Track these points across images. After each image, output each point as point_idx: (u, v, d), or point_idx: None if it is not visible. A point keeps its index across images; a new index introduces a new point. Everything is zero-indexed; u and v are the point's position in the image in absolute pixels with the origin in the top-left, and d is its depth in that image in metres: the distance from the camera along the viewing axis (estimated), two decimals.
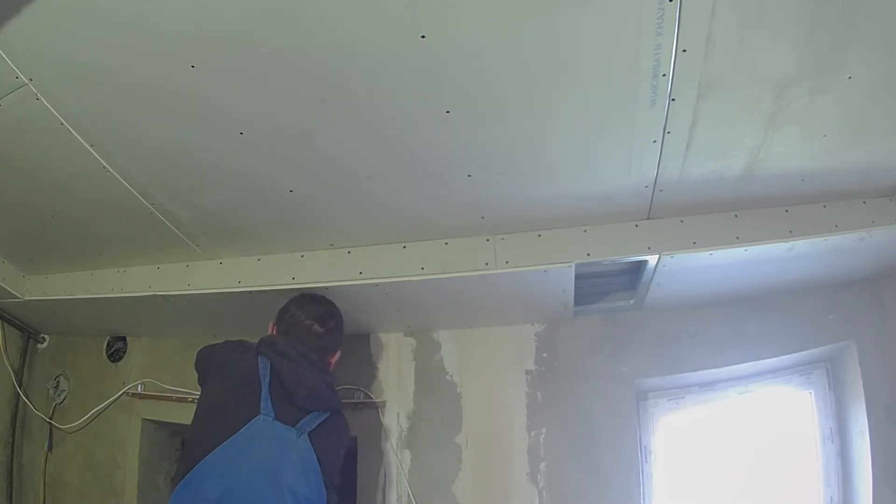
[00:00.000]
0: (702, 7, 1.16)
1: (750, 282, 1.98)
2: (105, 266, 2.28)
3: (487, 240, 1.88)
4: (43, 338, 2.78)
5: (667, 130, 1.46)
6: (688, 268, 1.84)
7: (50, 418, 2.62)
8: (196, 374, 1.77)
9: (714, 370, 2.09)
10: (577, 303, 2.05)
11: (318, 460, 1.59)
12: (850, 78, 1.33)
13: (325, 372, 1.73)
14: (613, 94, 1.36)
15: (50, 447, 2.60)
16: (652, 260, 1.80)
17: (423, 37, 1.23)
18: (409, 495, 2.11)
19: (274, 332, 1.83)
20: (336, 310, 1.88)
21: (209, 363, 1.73)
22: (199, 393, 1.72)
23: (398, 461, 2.16)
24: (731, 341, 2.06)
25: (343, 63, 1.31)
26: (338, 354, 1.85)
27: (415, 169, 1.63)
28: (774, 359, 2.07)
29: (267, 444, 1.54)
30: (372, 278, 1.91)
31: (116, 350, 2.63)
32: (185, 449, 1.58)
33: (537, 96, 1.38)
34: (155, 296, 2.13)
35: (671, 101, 1.37)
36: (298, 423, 1.61)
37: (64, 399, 2.65)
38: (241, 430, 1.53)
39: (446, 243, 1.91)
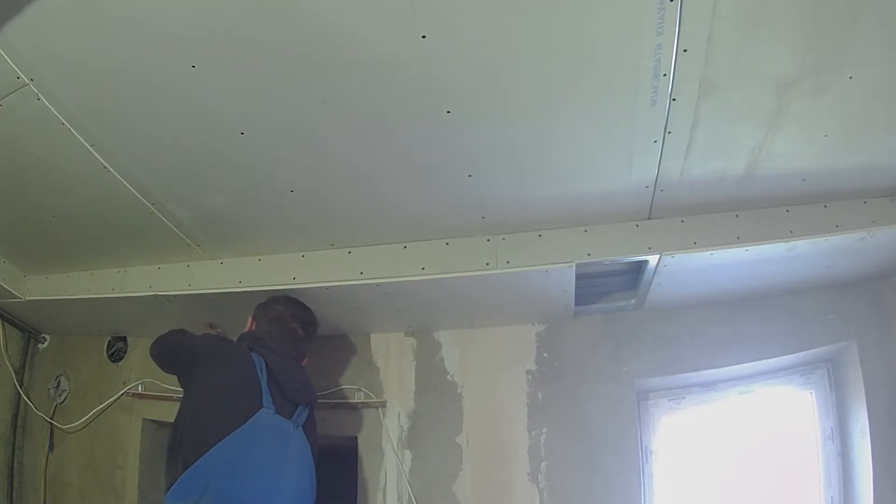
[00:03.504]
0: (702, 7, 1.16)
1: (751, 282, 1.98)
2: (106, 266, 2.28)
3: (488, 240, 1.88)
4: (44, 338, 2.78)
5: (667, 130, 1.46)
6: (688, 268, 1.84)
7: (51, 418, 2.62)
8: (171, 360, 1.76)
9: (715, 370, 2.09)
10: (577, 303, 2.05)
11: (312, 452, 1.70)
12: (850, 78, 1.33)
13: (303, 369, 1.84)
14: (614, 93, 1.36)
15: (51, 447, 2.60)
16: (653, 260, 1.80)
17: (423, 37, 1.23)
18: (409, 495, 2.11)
19: (253, 327, 1.88)
20: (316, 319, 1.96)
21: (199, 352, 1.69)
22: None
23: (399, 461, 2.16)
24: (731, 341, 2.06)
25: (344, 63, 1.31)
26: (306, 360, 1.92)
27: (415, 169, 1.63)
28: (775, 359, 2.07)
29: (272, 437, 1.59)
30: (373, 278, 1.91)
31: (117, 350, 2.63)
32: (182, 437, 1.53)
33: (538, 96, 1.38)
34: (156, 296, 2.14)
35: (672, 101, 1.37)
36: (293, 416, 1.69)
37: (65, 399, 2.65)
38: (247, 423, 1.54)
39: (447, 243, 1.91)
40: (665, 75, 1.30)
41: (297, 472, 1.64)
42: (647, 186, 1.67)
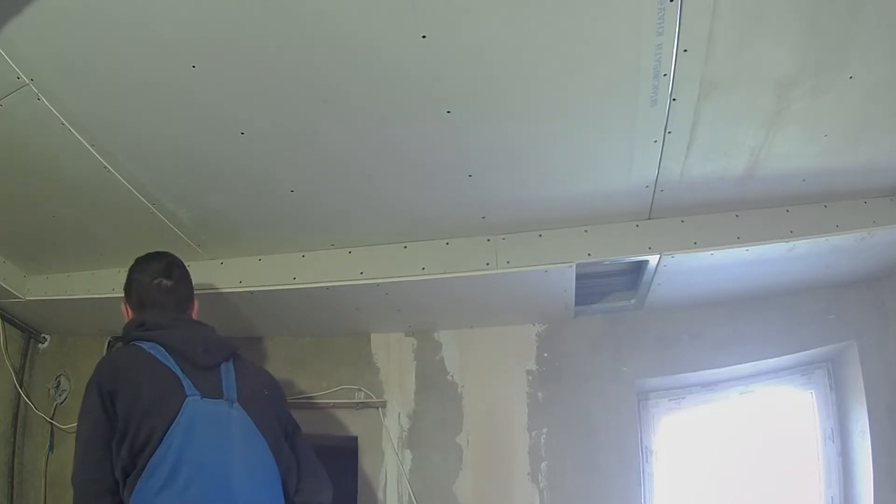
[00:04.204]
0: (703, 7, 1.16)
1: (751, 282, 1.98)
2: (106, 266, 2.28)
3: (488, 240, 1.88)
4: (44, 338, 2.78)
5: (668, 130, 1.46)
6: (689, 268, 1.84)
7: (51, 418, 2.62)
8: (95, 400, 1.41)
9: (715, 370, 2.09)
10: (578, 303, 2.05)
11: (256, 426, 1.49)
12: (851, 78, 1.33)
13: (201, 323, 1.63)
14: (614, 93, 1.36)
15: (51, 447, 2.60)
16: (653, 260, 1.80)
17: (424, 37, 1.23)
18: (409, 495, 2.11)
19: (130, 314, 1.65)
20: (176, 258, 1.72)
21: (117, 380, 1.43)
22: None
23: (399, 461, 2.16)
24: (731, 341, 2.06)
25: (344, 63, 1.31)
26: (196, 304, 1.73)
27: (416, 169, 1.63)
28: (775, 359, 2.07)
29: (208, 426, 1.42)
30: (373, 278, 1.91)
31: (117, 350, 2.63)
32: (125, 467, 1.35)
33: (538, 96, 1.38)
34: None
35: (672, 101, 1.37)
36: (221, 390, 1.49)
37: (65, 399, 2.64)
38: (177, 419, 1.37)
39: (447, 243, 1.91)
40: (665, 75, 1.30)
41: (249, 456, 1.45)
42: (647, 186, 1.67)
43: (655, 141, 1.49)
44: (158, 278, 1.64)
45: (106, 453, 1.38)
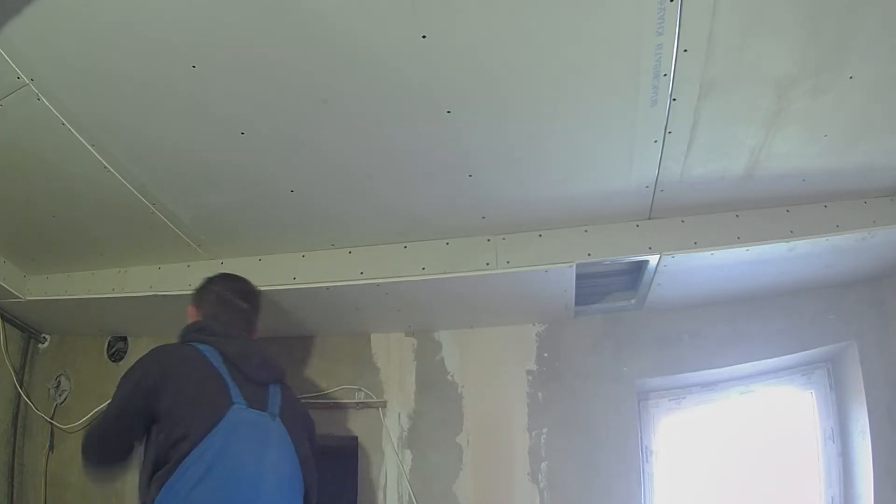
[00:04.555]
0: (703, 7, 1.16)
1: (751, 282, 1.97)
2: (106, 266, 2.28)
3: (488, 240, 1.88)
4: (44, 338, 2.78)
5: (668, 130, 1.46)
6: (689, 268, 1.84)
7: (51, 418, 2.62)
8: (141, 381, 1.49)
9: (715, 370, 2.09)
10: (578, 303, 2.05)
11: (292, 442, 1.58)
12: (851, 78, 1.33)
13: (259, 344, 1.71)
14: (614, 93, 1.36)
15: (51, 447, 2.60)
16: (653, 260, 1.80)
17: (424, 37, 1.23)
18: (409, 495, 2.11)
19: (197, 317, 1.73)
20: (256, 288, 1.84)
21: (167, 373, 1.51)
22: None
23: (399, 461, 2.16)
24: (732, 341, 2.06)
25: (344, 63, 1.31)
26: (257, 333, 1.81)
27: (416, 169, 1.63)
28: (775, 359, 2.07)
29: (249, 434, 1.49)
30: (373, 278, 1.91)
31: (117, 350, 2.63)
32: (157, 458, 1.41)
33: (538, 96, 1.38)
34: (156, 296, 2.13)
35: (672, 101, 1.37)
36: (266, 405, 1.57)
37: (65, 399, 2.65)
38: (220, 424, 1.43)
39: (447, 243, 1.91)
40: (665, 75, 1.30)
41: (283, 468, 1.53)
42: (647, 186, 1.67)
43: (655, 141, 1.49)
44: (237, 299, 1.75)
45: (128, 424, 1.49)
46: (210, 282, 1.80)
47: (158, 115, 1.49)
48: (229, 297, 1.75)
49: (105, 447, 1.52)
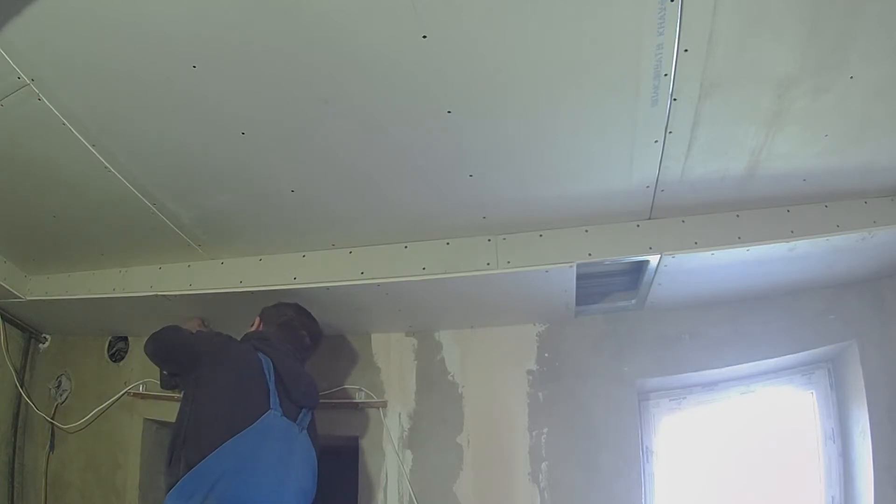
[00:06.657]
0: (703, 7, 1.16)
1: (751, 282, 1.97)
2: (106, 266, 2.28)
3: (489, 240, 1.88)
4: (45, 338, 2.78)
5: (668, 130, 1.46)
6: (689, 268, 1.84)
7: (52, 418, 2.62)
8: (168, 358, 1.76)
9: (716, 370, 2.09)
10: (578, 303, 2.05)
11: (314, 454, 1.72)
12: (851, 78, 1.33)
13: (308, 371, 1.85)
14: (615, 93, 1.36)
15: (52, 447, 2.60)
16: (653, 260, 1.80)
17: (424, 37, 1.23)
18: (410, 495, 2.11)
19: (260, 328, 1.87)
20: (322, 331, 1.99)
21: (200, 351, 1.67)
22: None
23: (399, 461, 2.16)
24: (732, 341, 2.06)
25: (345, 63, 1.31)
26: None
27: (416, 169, 1.63)
28: (776, 359, 2.07)
29: (278, 439, 1.60)
30: (373, 278, 1.91)
31: (118, 350, 2.63)
32: (186, 437, 1.52)
33: (538, 96, 1.38)
34: (156, 296, 2.14)
35: (673, 101, 1.37)
36: (297, 419, 1.69)
37: (65, 399, 2.65)
38: (255, 425, 1.54)
39: (448, 243, 1.91)
40: (666, 75, 1.30)
41: (301, 475, 1.64)
42: (647, 186, 1.67)
43: (656, 141, 1.49)
44: (303, 332, 1.90)
45: (189, 347, 1.70)
46: (286, 306, 1.93)
47: (159, 116, 1.50)
48: (298, 327, 1.89)
49: (165, 346, 1.74)
